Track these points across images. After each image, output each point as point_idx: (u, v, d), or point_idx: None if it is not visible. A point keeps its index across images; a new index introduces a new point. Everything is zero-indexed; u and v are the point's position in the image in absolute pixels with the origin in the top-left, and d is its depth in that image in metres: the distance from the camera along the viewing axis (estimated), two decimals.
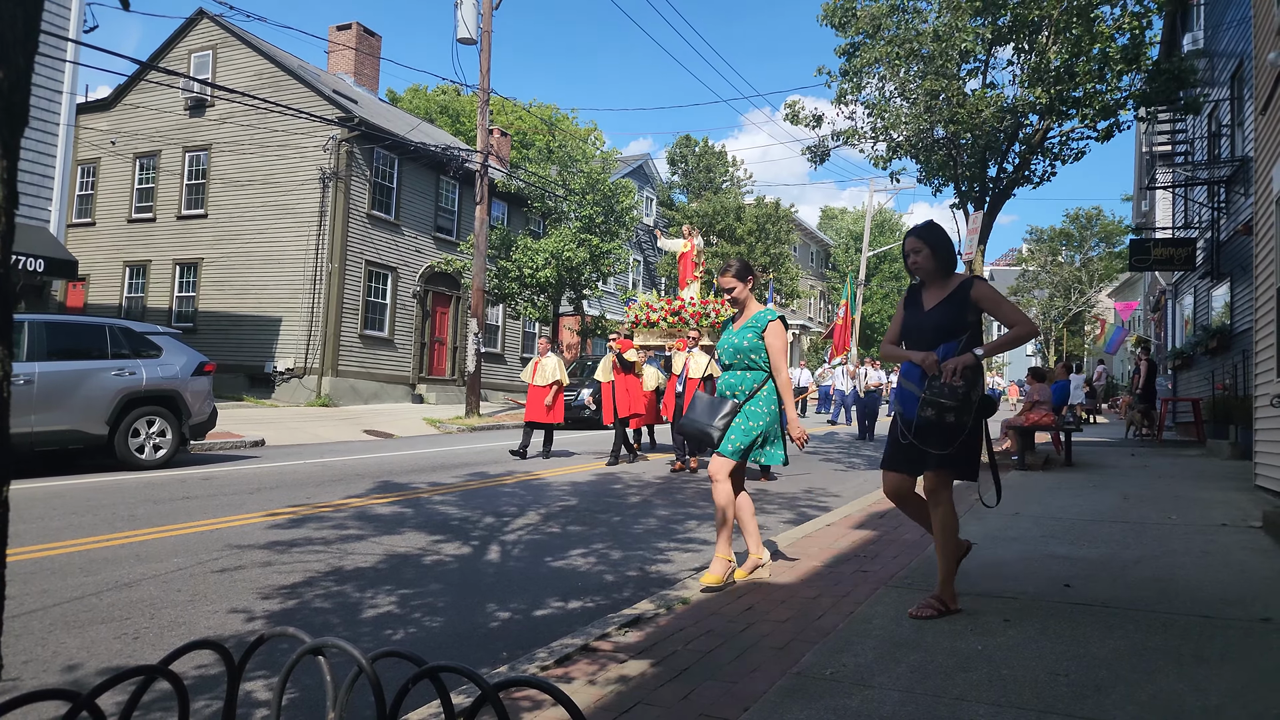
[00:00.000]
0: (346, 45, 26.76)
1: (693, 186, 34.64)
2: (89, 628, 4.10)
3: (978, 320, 3.97)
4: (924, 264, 4.05)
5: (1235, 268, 12.58)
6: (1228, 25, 13.12)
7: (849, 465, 12.22)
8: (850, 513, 7.32)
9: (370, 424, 16.90)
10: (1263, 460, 8.09)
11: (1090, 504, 7.71)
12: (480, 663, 3.69)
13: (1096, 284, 42.02)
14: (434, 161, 23.40)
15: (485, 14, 19.01)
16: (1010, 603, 4.26)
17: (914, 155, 11.48)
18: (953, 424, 3.76)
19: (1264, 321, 8.01)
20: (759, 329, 4.65)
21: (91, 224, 24.31)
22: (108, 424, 9.66)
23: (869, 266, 45.03)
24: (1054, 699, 2.98)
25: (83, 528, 6.43)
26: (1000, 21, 10.26)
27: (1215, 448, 12.82)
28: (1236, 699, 2.99)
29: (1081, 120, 10.55)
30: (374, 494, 8.44)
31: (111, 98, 24.32)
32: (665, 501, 8.49)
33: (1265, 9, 8.20)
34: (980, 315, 3.99)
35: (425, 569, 5.41)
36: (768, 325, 4.65)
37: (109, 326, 10.18)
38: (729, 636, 3.72)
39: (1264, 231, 8.19)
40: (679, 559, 5.84)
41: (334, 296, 20.95)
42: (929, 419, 3.78)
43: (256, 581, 4.98)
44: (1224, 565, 5.11)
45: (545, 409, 11.80)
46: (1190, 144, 16.81)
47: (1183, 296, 18.78)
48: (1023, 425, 11.20)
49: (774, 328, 4.65)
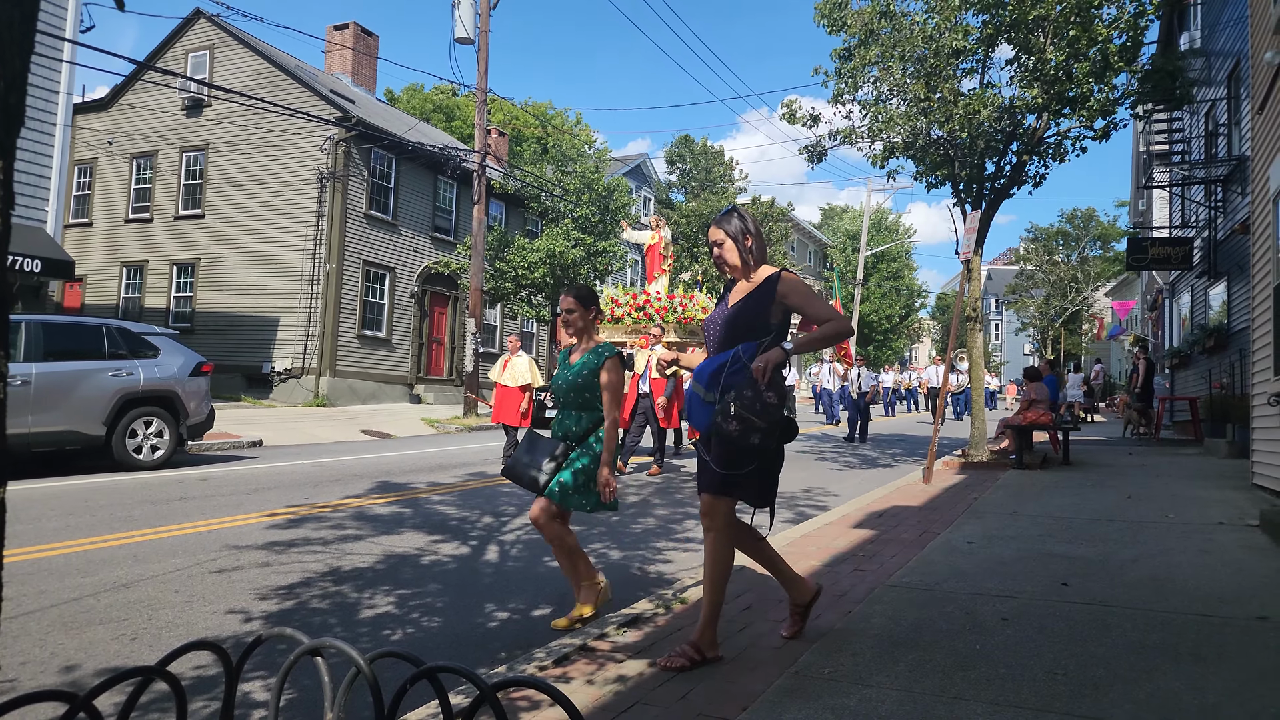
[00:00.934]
0: (344, 45, 26.74)
1: (691, 186, 34.65)
2: (86, 629, 4.10)
3: (785, 320, 3.46)
4: (726, 257, 3.56)
5: (1232, 266, 12.59)
6: (1224, 25, 13.13)
7: (846, 465, 12.23)
8: (848, 512, 7.33)
9: (368, 424, 16.90)
10: (1260, 459, 8.11)
11: (1088, 503, 7.72)
12: (478, 663, 3.69)
13: (1093, 283, 42.06)
14: (431, 161, 23.38)
15: (483, 14, 19.00)
16: (1008, 601, 4.26)
17: (911, 155, 11.48)
18: (755, 445, 3.23)
19: (1261, 320, 8.03)
20: (596, 366, 4.24)
21: (88, 224, 24.27)
22: (105, 425, 9.65)
23: (867, 265, 45.04)
24: (1052, 697, 2.98)
25: (80, 528, 6.42)
26: (999, 20, 10.26)
27: (1212, 446, 12.83)
28: (1234, 697, 3.00)
29: (1078, 120, 10.56)
30: (372, 494, 8.44)
31: (108, 98, 24.27)
32: (663, 501, 8.49)
33: (1262, 8, 8.21)
34: (789, 314, 3.47)
35: (423, 569, 5.41)
36: (604, 362, 4.22)
37: (106, 327, 10.17)
38: (727, 636, 3.72)
39: (1261, 230, 8.21)
40: (677, 558, 5.85)
41: (331, 297, 20.93)
42: (729, 433, 3.21)
43: (254, 582, 4.98)
44: (1221, 564, 5.12)
45: (518, 412, 10.98)
46: (1187, 143, 16.83)
47: (1180, 295, 18.80)
48: (1020, 424, 11.21)
49: (611, 364, 4.22)
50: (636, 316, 11.88)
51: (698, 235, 32.28)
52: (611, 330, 12.12)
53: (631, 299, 12.12)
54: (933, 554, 5.48)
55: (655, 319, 11.54)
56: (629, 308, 12.00)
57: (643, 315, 11.80)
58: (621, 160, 36.20)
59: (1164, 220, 21.52)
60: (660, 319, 11.55)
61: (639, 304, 11.96)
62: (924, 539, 6.00)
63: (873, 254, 45.47)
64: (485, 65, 19.19)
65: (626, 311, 11.97)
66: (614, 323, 12.08)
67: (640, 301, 11.96)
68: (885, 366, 33.33)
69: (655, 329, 10.67)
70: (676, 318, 11.69)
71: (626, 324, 12.04)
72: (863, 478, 10.63)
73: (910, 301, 51.13)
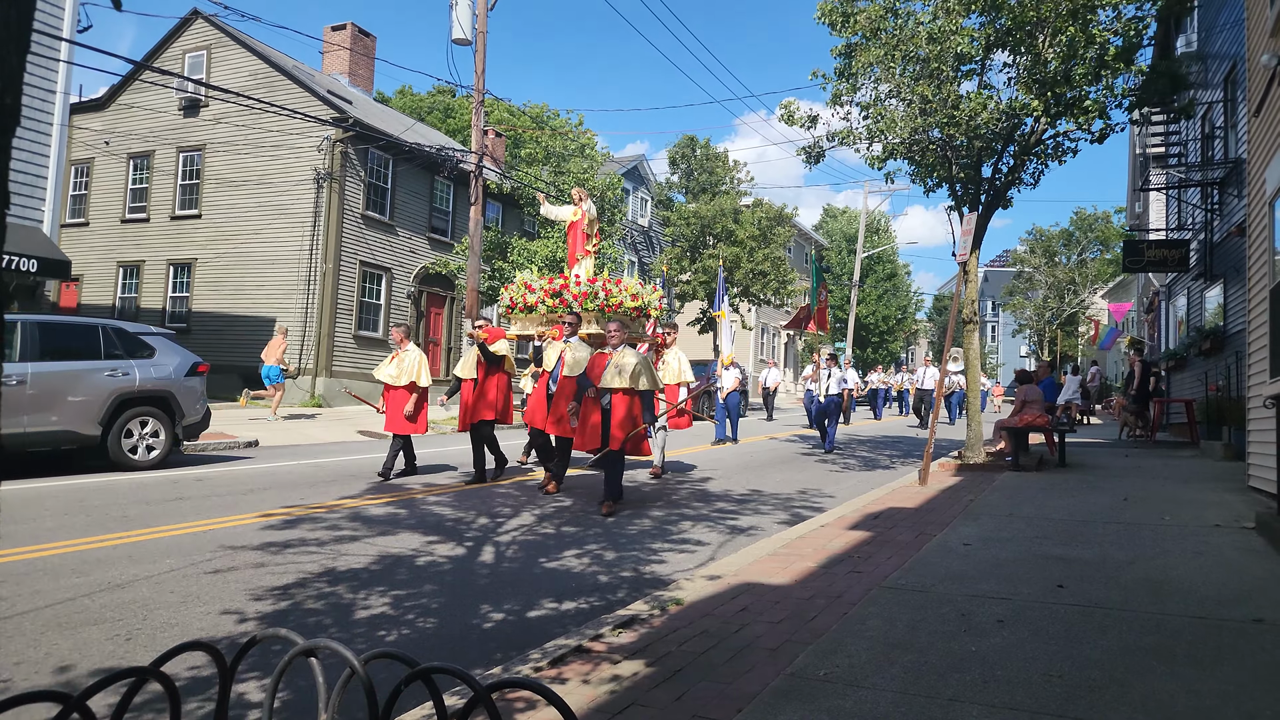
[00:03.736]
0: (341, 46, 26.72)
1: (693, 188, 34.63)
2: (81, 629, 4.09)
3: None
4: None
5: (1228, 269, 12.62)
6: (1221, 28, 13.16)
7: (844, 466, 12.24)
8: (844, 514, 7.33)
9: (364, 424, 16.87)
10: (1256, 461, 8.11)
11: (1084, 505, 7.73)
12: (474, 664, 3.68)
13: (1091, 285, 42.13)
14: (428, 162, 23.37)
15: (480, 15, 18.99)
16: (1004, 604, 4.26)
17: (909, 157, 11.48)
18: None
19: (1257, 323, 8.04)
20: None
21: (85, 224, 24.22)
22: (101, 425, 9.62)
23: (863, 268, 45.06)
24: (1047, 699, 2.99)
25: (75, 528, 6.40)
26: (999, 23, 10.27)
27: (1208, 449, 12.85)
28: (1229, 700, 3.00)
29: (1075, 123, 10.57)
30: (368, 495, 8.42)
31: (105, 98, 24.22)
32: (659, 502, 8.49)
33: (1258, 11, 8.23)
34: None
35: (419, 570, 5.40)
36: None
37: (102, 327, 10.15)
38: (723, 637, 3.72)
39: (1257, 233, 8.22)
40: (673, 560, 5.84)
41: (328, 297, 20.91)
42: None
43: (249, 582, 4.97)
44: (1217, 566, 5.13)
45: (405, 418, 9.59)
46: (1184, 146, 16.87)
47: (1176, 298, 18.84)
48: (1016, 426, 11.22)
49: None
50: (552, 304, 10.09)
51: (698, 237, 32.24)
52: (524, 321, 10.42)
53: (547, 283, 10.35)
54: (929, 556, 5.48)
55: (573, 305, 9.83)
56: (544, 294, 10.20)
57: (559, 302, 10.03)
58: (619, 162, 36.20)
59: (1160, 223, 21.57)
60: (580, 305, 9.86)
61: (555, 289, 10.20)
62: (920, 541, 6.00)
63: (868, 255, 45.50)
64: (483, 66, 19.18)
65: (541, 298, 10.18)
66: (526, 311, 10.32)
67: (556, 287, 10.20)
68: (876, 367, 33.26)
69: (569, 316, 9.13)
70: (599, 305, 9.92)
71: (541, 313, 10.25)
72: (859, 479, 10.63)
73: (906, 303, 51.17)
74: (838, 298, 44.70)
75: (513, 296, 10.33)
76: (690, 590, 4.58)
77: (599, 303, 9.92)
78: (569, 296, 9.98)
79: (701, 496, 8.92)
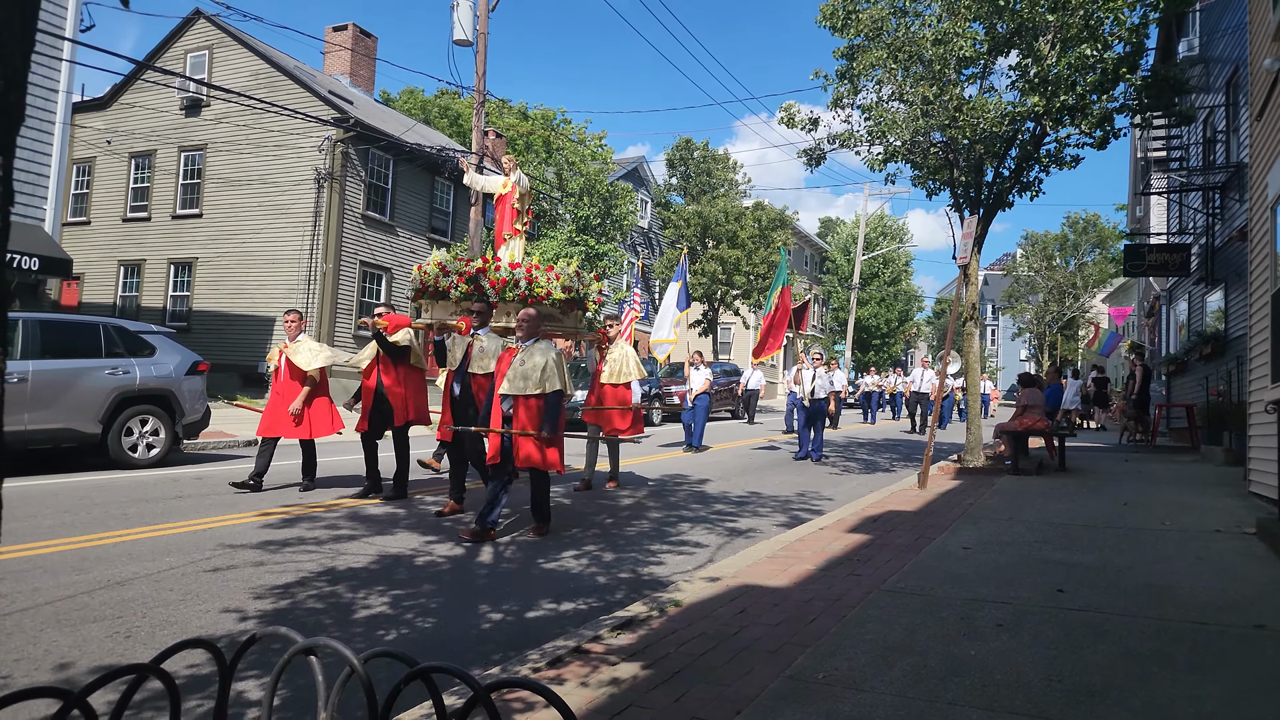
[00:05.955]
0: (342, 46, 26.73)
1: (692, 190, 34.67)
2: (81, 626, 4.09)
3: None
4: None
5: (1230, 273, 12.62)
6: (1223, 32, 13.17)
7: (843, 469, 12.23)
8: (843, 516, 7.32)
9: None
10: (1256, 466, 8.11)
11: (1084, 509, 7.72)
12: (472, 664, 3.68)
13: (1091, 289, 42.13)
14: (429, 162, 23.38)
15: (482, 16, 19.01)
16: (1004, 607, 4.26)
17: (910, 159, 11.47)
18: None
19: (1258, 327, 8.04)
20: None
21: (86, 223, 24.23)
22: (101, 423, 9.63)
23: (866, 271, 45.06)
24: (1047, 704, 2.98)
25: (75, 526, 6.40)
26: (1001, 28, 10.27)
27: (1209, 453, 12.85)
28: (1231, 706, 3.00)
29: (1078, 129, 10.57)
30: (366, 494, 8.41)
31: (107, 97, 24.24)
32: (658, 504, 8.48)
33: (1261, 15, 8.23)
34: None
35: (418, 570, 5.40)
36: None
37: (103, 325, 10.15)
38: (721, 639, 3.72)
39: (1259, 237, 8.22)
40: (672, 561, 5.84)
41: (328, 297, 20.91)
42: None
43: (249, 581, 4.97)
44: (1218, 571, 5.12)
45: (291, 419, 8.49)
46: (1185, 150, 16.87)
47: (1177, 302, 18.84)
48: (1016, 430, 11.22)
49: None
50: (465, 290, 8.23)
51: (698, 238, 32.26)
52: (435, 308, 8.58)
53: (464, 265, 8.34)
54: (928, 559, 5.47)
55: (490, 293, 8.08)
56: (458, 278, 8.27)
57: (473, 289, 8.20)
58: (619, 163, 36.23)
59: (1162, 227, 21.56)
60: (496, 293, 8.08)
61: (470, 273, 8.25)
62: (919, 544, 6.00)
63: (869, 258, 45.48)
64: (483, 67, 19.19)
65: (454, 284, 8.26)
66: (438, 297, 8.47)
67: (473, 270, 8.23)
68: (869, 369, 33.12)
69: (477, 305, 7.79)
70: (519, 294, 8.04)
71: (453, 299, 8.43)
72: (858, 482, 10.63)
73: (907, 306, 51.13)
74: (840, 299, 44.73)
75: (423, 279, 8.47)
76: (689, 592, 4.58)
77: (519, 292, 8.09)
78: (485, 283, 8.17)
79: (700, 498, 8.91)
